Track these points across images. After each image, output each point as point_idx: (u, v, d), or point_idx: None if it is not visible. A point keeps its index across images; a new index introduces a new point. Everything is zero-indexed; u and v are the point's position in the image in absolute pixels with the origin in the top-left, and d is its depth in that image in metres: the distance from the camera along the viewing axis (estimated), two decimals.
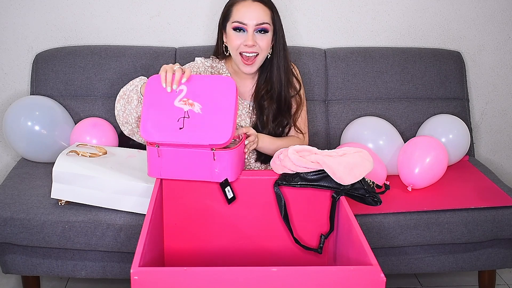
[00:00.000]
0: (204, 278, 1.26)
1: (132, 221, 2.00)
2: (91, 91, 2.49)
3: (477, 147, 2.82)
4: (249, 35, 1.93)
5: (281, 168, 1.73)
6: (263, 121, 2.02)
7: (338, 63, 2.56)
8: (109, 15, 2.60)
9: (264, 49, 1.96)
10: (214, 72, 2.04)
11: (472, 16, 2.70)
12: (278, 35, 1.99)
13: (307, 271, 1.27)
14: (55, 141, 2.36)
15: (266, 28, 1.94)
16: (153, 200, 1.55)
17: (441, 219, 2.09)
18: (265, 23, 1.94)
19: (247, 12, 1.92)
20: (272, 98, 2.01)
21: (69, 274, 2.11)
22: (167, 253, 1.78)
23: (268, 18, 1.95)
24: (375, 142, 2.35)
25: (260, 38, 1.94)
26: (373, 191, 1.75)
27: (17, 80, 2.63)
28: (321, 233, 1.77)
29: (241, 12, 1.93)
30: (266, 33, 1.95)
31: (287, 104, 2.05)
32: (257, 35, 1.94)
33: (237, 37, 1.94)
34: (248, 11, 1.92)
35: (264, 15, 1.94)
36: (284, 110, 2.04)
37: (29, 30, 2.59)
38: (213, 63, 2.07)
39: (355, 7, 2.66)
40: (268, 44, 1.97)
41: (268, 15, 1.95)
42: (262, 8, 1.94)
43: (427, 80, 2.59)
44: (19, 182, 2.22)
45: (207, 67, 2.03)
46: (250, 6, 1.93)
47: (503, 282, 2.49)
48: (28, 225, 1.99)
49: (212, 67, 2.05)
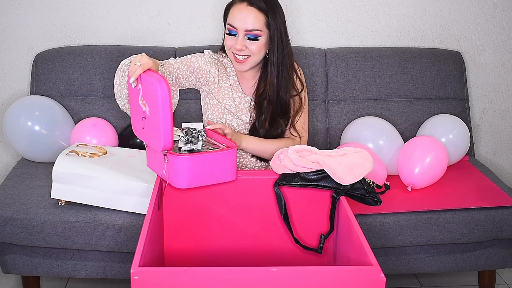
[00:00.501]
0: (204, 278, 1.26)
1: (132, 221, 2.00)
2: (91, 91, 2.49)
3: (477, 147, 2.82)
4: (239, 40, 1.92)
5: (281, 168, 1.73)
6: (261, 120, 2.02)
7: (338, 63, 2.56)
8: (109, 15, 2.60)
9: (255, 53, 1.94)
10: (220, 66, 2.05)
11: (472, 16, 2.70)
12: (276, 39, 1.94)
13: (307, 271, 1.27)
14: (55, 141, 2.36)
15: (256, 34, 1.91)
16: (153, 200, 1.55)
17: (441, 219, 2.09)
18: (255, 30, 1.91)
19: (239, 16, 1.91)
20: (269, 99, 2.01)
21: (69, 274, 2.11)
22: (167, 253, 1.78)
23: (261, 24, 1.91)
24: (375, 143, 2.35)
25: (250, 43, 1.92)
26: (373, 191, 1.75)
27: (17, 80, 2.63)
28: (321, 233, 1.77)
29: (233, 15, 1.92)
30: (256, 40, 1.92)
31: (284, 108, 2.03)
32: (247, 40, 1.92)
33: (229, 39, 1.94)
34: (240, 16, 1.91)
35: (256, 21, 1.90)
36: (279, 113, 2.03)
37: (29, 30, 2.59)
38: (220, 57, 2.08)
39: (355, 7, 2.66)
40: (260, 49, 1.94)
41: (261, 21, 1.91)
42: (254, 14, 1.90)
43: (427, 80, 2.59)
44: (19, 182, 2.22)
45: (214, 59, 2.04)
46: (242, 11, 1.91)
47: (503, 282, 2.49)
48: (28, 225, 1.99)
49: (218, 60, 2.06)
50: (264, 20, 1.92)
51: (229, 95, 2.02)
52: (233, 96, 2.03)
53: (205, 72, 2.01)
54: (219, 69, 2.04)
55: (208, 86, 2.03)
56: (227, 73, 2.05)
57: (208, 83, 2.03)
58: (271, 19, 1.92)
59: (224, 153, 1.69)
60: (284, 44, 1.98)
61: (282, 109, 2.03)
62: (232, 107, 2.02)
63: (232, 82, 2.05)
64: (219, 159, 1.68)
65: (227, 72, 2.05)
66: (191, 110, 2.47)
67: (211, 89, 2.03)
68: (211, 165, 1.67)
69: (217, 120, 2.02)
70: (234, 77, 2.06)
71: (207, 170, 1.67)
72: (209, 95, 2.04)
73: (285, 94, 2.01)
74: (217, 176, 1.69)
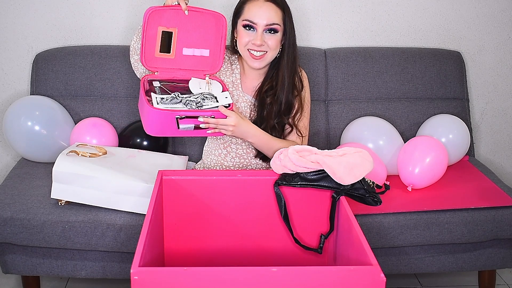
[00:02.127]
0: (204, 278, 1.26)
1: (132, 221, 2.00)
2: (91, 91, 2.49)
3: (477, 147, 2.82)
4: (258, 35, 1.94)
5: (281, 168, 1.73)
6: (263, 116, 2.03)
7: (338, 63, 2.56)
8: (109, 15, 2.60)
9: (272, 48, 1.97)
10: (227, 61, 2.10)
11: (472, 16, 2.70)
12: (289, 36, 1.99)
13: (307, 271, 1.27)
14: (55, 141, 2.36)
15: (275, 28, 1.95)
16: (153, 200, 1.55)
17: (441, 219, 2.09)
18: (275, 24, 1.95)
19: (258, 12, 1.94)
20: (274, 95, 2.02)
21: (69, 274, 2.11)
22: (167, 253, 1.78)
23: (279, 19, 1.95)
24: (375, 143, 2.35)
25: (269, 38, 1.96)
26: (373, 191, 1.75)
27: (17, 80, 2.63)
28: (321, 233, 1.77)
29: (252, 11, 1.94)
30: (276, 33, 1.96)
31: (288, 106, 2.04)
32: (266, 34, 1.96)
33: (246, 35, 1.96)
34: (260, 11, 1.94)
35: (275, 16, 1.94)
36: (283, 110, 2.04)
37: (29, 30, 2.59)
38: (227, 53, 2.11)
39: (355, 7, 2.66)
40: (277, 44, 1.98)
41: (279, 16, 1.95)
42: (273, 9, 1.95)
43: (427, 80, 2.59)
44: (19, 182, 2.22)
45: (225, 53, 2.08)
46: (261, 6, 1.94)
47: (503, 282, 2.49)
48: (28, 225, 1.99)
49: (226, 55, 2.10)
50: (281, 15, 1.97)
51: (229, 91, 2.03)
52: (232, 93, 2.04)
53: None
54: (226, 63, 2.09)
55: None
56: (231, 69, 2.08)
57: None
58: (286, 14, 1.98)
59: (144, 104, 1.84)
60: (295, 42, 2.03)
61: (286, 108, 2.03)
62: None
63: (234, 79, 2.06)
64: (142, 105, 1.88)
65: (231, 68, 2.08)
66: None
67: None
68: (140, 106, 1.91)
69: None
70: (238, 75, 2.07)
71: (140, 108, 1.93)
72: None
73: (291, 93, 2.02)
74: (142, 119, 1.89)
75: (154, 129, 1.86)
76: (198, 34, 1.97)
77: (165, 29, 1.92)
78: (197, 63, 2.00)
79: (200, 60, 2.00)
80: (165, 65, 1.97)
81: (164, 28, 1.92)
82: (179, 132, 1.85)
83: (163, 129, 1.84)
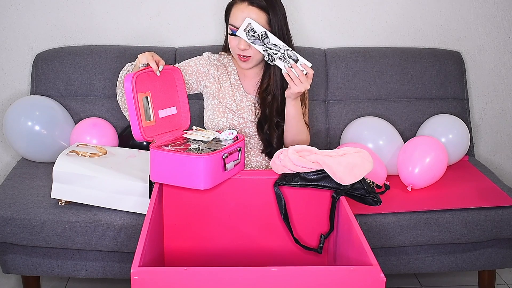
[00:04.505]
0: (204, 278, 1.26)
1: (132, 221, 2.00)
2: (91, 91, 2.49)
3: (477, 147, 2.82)
4: (242, 40, 1.92)
5: (281, 168, 1.73)
6: (265, 115, 2.03)
7: (338, 63, 2.56)
8: (109, 15, 2.60)
9: (256, 52, 1.95)
10: (220, 66, 2.06)
11: (472, 16, 2.70)
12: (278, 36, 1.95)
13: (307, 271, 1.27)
14: (55, 141, 2.36)
15: None
16: (153, 200, 1.55)
17: (441, 219, 2.09)
18: None
19: (240, 16, 1.91)
20: (273, 94, 2.02)
21: (69, 274, 2.11)
22: (167, 253, 1.78)
23: (263, 23, 1.91)
24: (375, 143, 2.35)
25: None
26: (373, 191, 1.75)
27: (17, 80, 2.63)
28: (321, 233, 1.77)
29: (235, 16, 1.93)
30: None
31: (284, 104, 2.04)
32: None
33: (232, 40, 1.95)
34: (241, 16, 1.91)
35: (258, 20, 1.90)
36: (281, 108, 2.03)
37: (29, 30, 2.59)
38: (221, 57, 2.09)
39: (355, 7, 2.66)
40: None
41: (262, 19, 1.91)
42: (256, 13, 1.91)
43: (427, 80, 2.59)
44: (19, 182, 2.22)
45: (213, 60, 2.05)
46: (243, 11, 1.91)
47: (503, 282, 2.49)
48: (28, 225, 1.99)
49: (219, 60, 2.07)
50: (266, 18, 1.92)
51: (230, 95, 2.03)
52: (234, 95, 2.04)
53: (204, 74, 2.03)
54: (219, 69, 2.05)
55: (209, 87, 2.04)
56: (227, 73, 2.06)
57: (209, 85, 2.03)
58: (272, 16, 1.93)
59: (189, 157, 1.60)
60: (286, 40, 1.99)
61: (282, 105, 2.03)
62: (233, 106, 2.02)
63: (233, 81, 2.05)
64: (184, 161, 1.60)
65: (227, 71, 2.06)
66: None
67: (212, 91, 2.03)
68: (176, 166, 1.62)
69: (217, 120, 2.02)
70: (236, 76, 2.06)
71: (173, 170, 1.62)
72: (210, 96, 2.04)
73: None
74: (182, 179, 1.62)
75: (208, 181, 1.63)
76: (164, 93, 1.81)
77: (143, 94, 1.72)
78: (170, 122, 1.82)
79: (172, 119, 1.83)
80: (153, 133, 1.75)
81: (142, 94, 1.72)
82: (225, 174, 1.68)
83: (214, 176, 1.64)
